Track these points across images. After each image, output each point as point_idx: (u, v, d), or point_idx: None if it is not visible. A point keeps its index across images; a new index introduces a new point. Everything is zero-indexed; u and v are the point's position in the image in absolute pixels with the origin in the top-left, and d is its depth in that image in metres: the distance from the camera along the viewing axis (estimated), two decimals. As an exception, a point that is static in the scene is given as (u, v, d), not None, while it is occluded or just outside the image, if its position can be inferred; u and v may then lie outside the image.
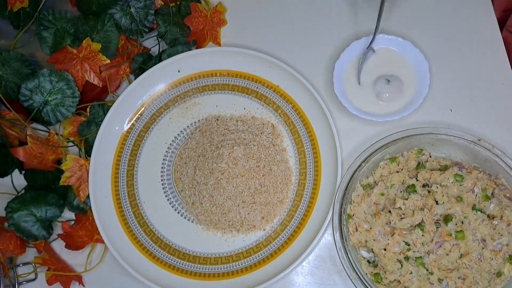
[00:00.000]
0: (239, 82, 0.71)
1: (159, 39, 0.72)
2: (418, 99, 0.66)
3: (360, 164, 0.62)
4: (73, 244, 0.65)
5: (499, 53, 0.70)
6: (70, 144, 0.70)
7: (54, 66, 0.68)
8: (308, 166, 0.67)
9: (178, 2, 0.72)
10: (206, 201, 0.65)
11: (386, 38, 0.68)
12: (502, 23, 0.70)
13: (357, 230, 0.61)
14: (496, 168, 0.60)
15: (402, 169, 0.64)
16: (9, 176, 0.69)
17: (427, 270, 0.58)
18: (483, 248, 0.58)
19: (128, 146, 0.69)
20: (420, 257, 0.58)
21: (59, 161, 0.69)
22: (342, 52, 0.68)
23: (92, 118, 0.69)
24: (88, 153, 0.68)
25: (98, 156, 0.67)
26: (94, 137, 0.68)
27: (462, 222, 0.58)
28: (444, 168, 0.62)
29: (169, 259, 0.65)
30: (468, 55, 0.70)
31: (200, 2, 0.73)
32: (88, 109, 0.69)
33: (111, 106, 0.68)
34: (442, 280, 0.58)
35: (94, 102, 0.70)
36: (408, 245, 0.58)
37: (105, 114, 0.69)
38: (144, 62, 0.71)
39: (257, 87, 0.70)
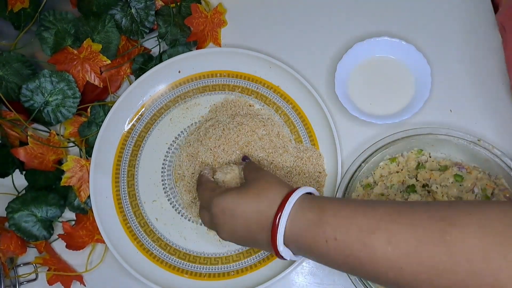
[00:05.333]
0: (240, 82, 0.71)
1: (160, 40, 0.72)
2: (418, 103, 0.66)
3: (360, 165, 0.62)
4: (73, 244, 0.66)
5: (499, 54, 0.70)
6: (71, 144, 0.70)
7: (55, 66, 0.68)
8: (308, 166, 0.67)
9: (178, 3, 0.73)
10: (206, 201, 0.66)
11: (389, 41, 0.68)
12: None
13: (357, 230, 0.61)
14: (496, 168, 0.60)
15: (402, 170, 0.64)
16: (10, 176, 0.69)
17: (427, 270, 0.58)
18: (483, 248, 0.58)
19: (129, 147, 0.70)
20: (420, 257, 0.58)
21: (59, 162, 0.69)
22: (345, 53, 0.68)
23: (92, 119, 0.69)
24: (88, 153, 0.68)
25: (99, 156, 0.67)
26: (94, 137, 0.68)
27: (462, 222, 0.58)
28: (444, 169, 0.62)
29: (169, 259, 0.65)
30: (468, 56, 0.70)
31: (200, 3, 0.73)
32: (88, 110, 0.69)
33: (111, 106, 0.68)
34: (442, 280, 0.58)
35: (94, 102, 0.71)
36: (408, 245, 0.58)
37: (105, 114, 0.69)
38: (144, 63, 0.72)
39: (258, 88, 0.70)
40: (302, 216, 0.47)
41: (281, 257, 0.49)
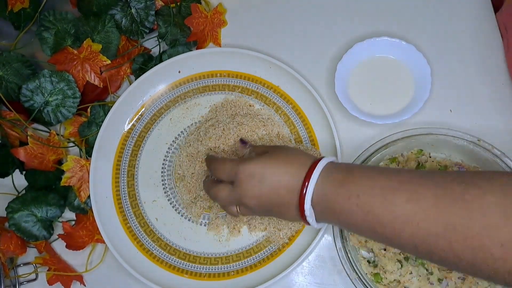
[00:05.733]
0: (240, 82, 0.71)
1: (160, 40, 0.72)
2: (418, 103, 0.66)
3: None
4: (73, 244, 0.66)
5: (499, 54, 0.70)
6: (71, 144, 0.70)
7: (55, 66, 0.68)
8: (308, 166, 0.67)
9: (178, 3, 0.73)
10: (206, 201, 0.66)
11: (389, 41, 0.68)
12: None
13: (357, 230, 0.61)
14: (496, 168, 0.60)
15: (402, 170, 0.64)
16: (10, 176, 0.69)
17: (427, 270, 0.58)
18: (483, 248, 0.58)
19: (129, 147, 0.70)
20: (420, 257, 0.58)
21: (59, 162, 0.69)
22: (345, 53, 0.68)
23: (92, 119, 0.69)
24: (88, 153, 0.68)
25: (99, 156, 0.67)
26: (94, 137, 0.68)
27: (462, 222, 0.58)
28: (444, 169, 0.62)
29: (169, 259, 0.65)
30: (468, 56, 0.70)
31: (200, 3, 0.73)
32: (88, 110, 0.69)
33: (111, 106, 0.68)
34: (442, 280, 0.58)
35: (94, 102, 0.71)
36: (408, 245, 0.59)
37: (105, 114, 0.69)
38: (144, 63, 0.72)
39: (258, 88, 0.70)
40: (330, 177, 0.49)
41: (306, 221, 0.52)
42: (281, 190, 0.51)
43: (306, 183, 0.49)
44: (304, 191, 0.49)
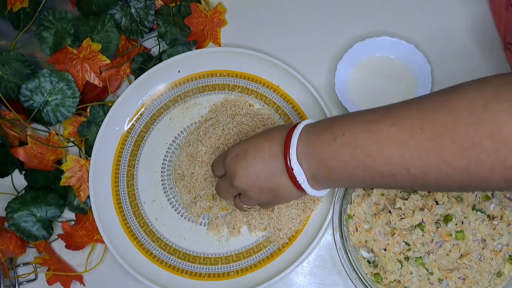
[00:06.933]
0: (239, 82, 0.71)
1: (159, 40, 0.72)
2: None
3: (360, 164, 0.62)
4: (73, 244, 0.66)
5: (500, 53, 0.70)
6: (70, 144, 0.70)
7: (54, 66, 0.68)
8: (308, 166, 0.67)
9: (178, 3, 0.72)
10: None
11: (389, 41, 0.68)
12: None
13: (357, 230, 0.61)
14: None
15: (402, 169, 0.63)
16: (9, 176, 0.69)
17: (427, 270, 0.58)
18: (483, 248, 0.58)
19: (128, 146, 0.69)
20: (420, 257, 0.58)
21: (59, 162, 0.69)
22: (345, 53, 0.68)
23: (92, 119, 0.69)
24: (88, 153, 0.68)
25: (98, 156, 0.67)
26: (94, 137, 0.68)
27: (462, 222, 0.58)
28: (444, 168, 0.62)
29: (169, 259, 0.65)
30: (468, 55, 0.70)
31: (200, 3, 0.73)
32: (88, 110, 0.69)
33: (111, 106, 0.68)
34: (442, 280, 0.58)
35: (94, 102, 0.70)
36: (408, 245, 0.59)
37: (105, 114, 0.69)
38: (144, 62, 0.72)
39: (257, 87, 0.70)
40: (313, 129, 0.50)
41: (298, 185, 0.51)
42: (265, 155, 0.51)
43: (289, 140, 0.49)
44: (288, 149, 0.49)
